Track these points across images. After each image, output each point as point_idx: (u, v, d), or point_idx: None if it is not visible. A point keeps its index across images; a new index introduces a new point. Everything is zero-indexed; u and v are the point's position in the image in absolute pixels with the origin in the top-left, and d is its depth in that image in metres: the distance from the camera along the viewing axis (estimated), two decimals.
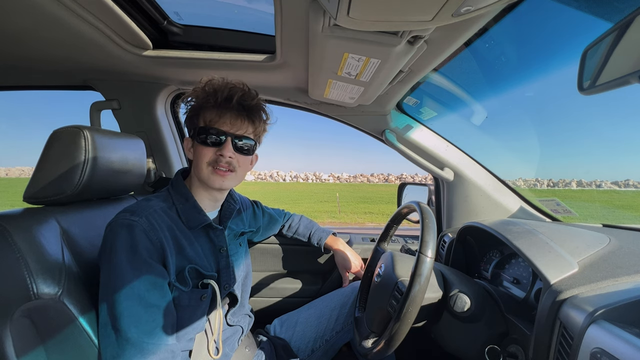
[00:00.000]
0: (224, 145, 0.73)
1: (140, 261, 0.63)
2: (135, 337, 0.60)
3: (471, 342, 0.71)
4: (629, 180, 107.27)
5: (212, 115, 0.73)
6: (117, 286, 0.61)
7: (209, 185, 0.75)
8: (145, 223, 0.66)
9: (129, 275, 0.62)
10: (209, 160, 0.73)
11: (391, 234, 0.98)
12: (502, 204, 1.23)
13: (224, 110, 0.73)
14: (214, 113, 0.73)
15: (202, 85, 0.75)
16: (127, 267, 0.62)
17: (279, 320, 1.07)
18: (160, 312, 0.64)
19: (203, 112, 0.74)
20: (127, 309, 0.60)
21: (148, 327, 0.62)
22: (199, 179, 0.76)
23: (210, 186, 0.75)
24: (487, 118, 1.27)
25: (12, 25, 0.78)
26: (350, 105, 1.13)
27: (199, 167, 0.74)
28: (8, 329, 0.55)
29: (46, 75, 1.14)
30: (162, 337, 0.63)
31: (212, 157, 0.73)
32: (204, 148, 0.73)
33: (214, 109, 0.73)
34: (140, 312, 0.61)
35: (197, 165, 0.74)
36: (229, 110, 0.74)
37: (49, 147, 0.70)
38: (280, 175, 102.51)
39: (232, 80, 0.77)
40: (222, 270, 0.79)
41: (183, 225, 0.74)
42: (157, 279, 0.65)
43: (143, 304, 0.62)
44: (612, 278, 0.58)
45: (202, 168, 0.74)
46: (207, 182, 0.75)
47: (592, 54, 0.47)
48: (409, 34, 0.64)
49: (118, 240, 0.63)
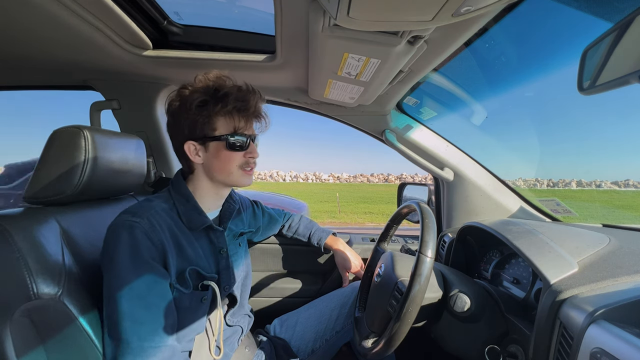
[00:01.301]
0: (251, 148, 0.77)
1: (142, 262, 0.63)
2: (136, 337, 0.60)
3: (471, 342, 0.71)
4: (629, 180, 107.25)
5: (238, 122, 0.74)
6: (119, 287, 0.61)
7: (240, 185, 0.78)
8: (147, 224, 0.66)
9: (131, 276, 0.62)
10: (240, 164, 0.75)
11: (391, 234, 0.98)
12: (502, 204, 1.23)
13: (250, 117, 0.76)
14: (241, 120, 0.74)
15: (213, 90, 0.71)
16: (129, 268, 0.62)
17: (279, 320, 1.07)
18: (161, 313, 0.64)
19: (221, 117, 0.72)
20: (128, 309, 0.61)
21: (149, 328, 0.62)
22: (225, 181, 0.77)
23: (240, 186, 0.79)
24: (487, 118, 1.27)
25: (12, 25, 0.78)
26: (350, 105, 1.13)
27: (227, 170, 0.75)
28: (8, 329, 0.55)
29: (46, 75, 1.14)
30: (163, 337, 0.63)
31: (243, 161, 0.76)
32: (233, 153, 0.74)
33: (239, 116, 0.74)
34: (141, 313, 0.62)
35: (223, 169, 0.75)
36: (252, 116, 0.76)
37: (49, 147, 0.70)
38: (280, 175, 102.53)
39: (236, 80, 0.76)
40: (222, 272, 0.79)
41: (184, 226, 0.74)
42: (159, 279, 0.65)
43: (144, 305, 0.62)
44: (612, 278, 0.58)
45: (231, 171, 0.75)
46: (238, 183, 0.77)
47: (592, 54, 0.47)
48: (409, 34, 0.64)
49: (119, 241, 0.63)
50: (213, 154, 0.74)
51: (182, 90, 0.73)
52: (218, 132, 0.72)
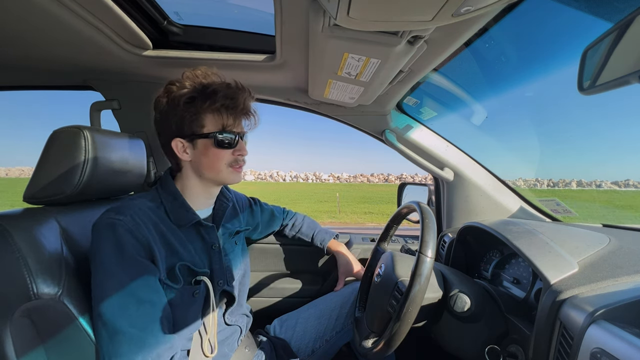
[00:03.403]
0: (239, 145, 0.76)
1: (128, 258, 0.63)
2: (130, 333, 0.60)
3: (471, 342, 0.71)
4: (629, 180, 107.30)
5: (226, 120, 0.73)
6: (107, 286, 0.61)
7: (229, 182, 0.78)
8: (130, 221, 0.65)
9: (118, 273, 0.61)
10: (229, 162, 0.75)
11: (391, 234, 0.98)
12: (502, 204, 1.24)
13: (239, 115, 0.75)
14: (230, 118, 0.74)
15: (201, 87, 0.71)
16: (115, 266, 0.62)
17: (279, 320, 1.07)
18: (153, 307, 0.64)
19: (209, 114, 0.72)
20: (119, 306, 0.60)
21: (142, 323, 0.61)
22: (214, 179, 0.76)
23: (230, 183, 0.79)
24: (487, 118, 1.27)
25: (12, 26, 0.77)
26: (350, 105, 1.13)
27: (216, 168, 0.74)
28: (8, 329, 0.55)
29: (46, 75, 1.14)
30: (157, 331, 0.63)
31: (232, 158, 0.76)
32: (221, 151, 0.74)
33: (227, 113, 0.73)
34: (132, 309, 0.61)
35: (212, 167, 0.74)
36: (240, 114, 0.76)
37: (49, 147, 0.70)
38: (280, 175, 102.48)
39: (226, 78, 0.76)
40: (215, 267, 0.79)
41: (172, 224, 0.73)
42: (147, 274, 0.64)
43: (134, 301, 0.62)
44: (612, 278, 0.58)
45: (220, 169, 0.75)
46: (227, 180, 0.77)
47: (592, 54, 0.47)
48: (409, 34, 0.64)
49: (103, 240, 0.63)
50: (201, 151, 0.73)
51: (169, 87, 0.72)
52: (206, 130, 0.72)
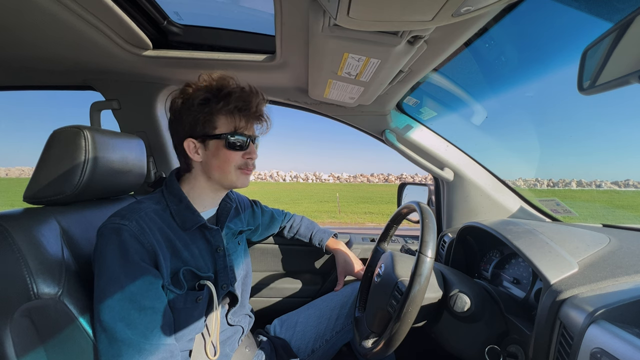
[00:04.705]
0: (250, 148, 0.77)
1: (132, 264, 0.63)
2: (131, 339, 0.59)
3: (471, 342, 0.71)
4: (629, 180, 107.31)
5: (238, 122, 0.74)
6: (110, 291, 0.60)
7: (238, 186, 0.78)
8: (135, 227, 0.65)
9: (121, 279, 0.61)
10: (238, 164, 0.75)
11: (391, 234, 0.98)
12: (502, 204, 1.24)
13: (251, 118, 0.76)
14: (242, 120, 0.74)
15: (216, 89, 0.72)
16: (119, 271, 0.61)
17: (279, 320, 1.07)
18: (155, 314, 0.63)
19: (222, 116, 0.73)
20: (120, 312, 0.60)
21: (143, 329, 0.61)
22: (222, 181, 0.76)
23: (239, 187, 0.79)
24: (487, 118, 1.27)
25: (12, 25, 0.77)
26: (350, 105, 1.13)
27: (225, 170, 0.75)
28: (8, 329, 0.55)
29: (46, 75, 1.14)
30: (158, 338, 0.63)
31: (241, 161, 0.76)
32: (232, 153, 0.74)
33: (240, 115, 0.74)
34: (134, 315, 0.61)
35: (221, 168, 0.74)
36: (253, 117, 0.76)
37: (49, 147, 0.70)
38: (280, 175, 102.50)
39: (239, 81, 0.76)
40: (219, 270, 0.79)
41: (177, 227, 0.73)
42: (150, 281, 0.64)
43: (136, 307, 0.61)
44: (612, 278, 0.58)
45: (229, 171, 0.75)
46: (236, 183, 0.77)
47: (592, 54, 0.47)
48: (409, 34, 0.64)
49: (108, 245, 0.63)
50: (212, 152, 0.74)
51: (185, 88, 0.74)
52: (218, 131, 0.73)
